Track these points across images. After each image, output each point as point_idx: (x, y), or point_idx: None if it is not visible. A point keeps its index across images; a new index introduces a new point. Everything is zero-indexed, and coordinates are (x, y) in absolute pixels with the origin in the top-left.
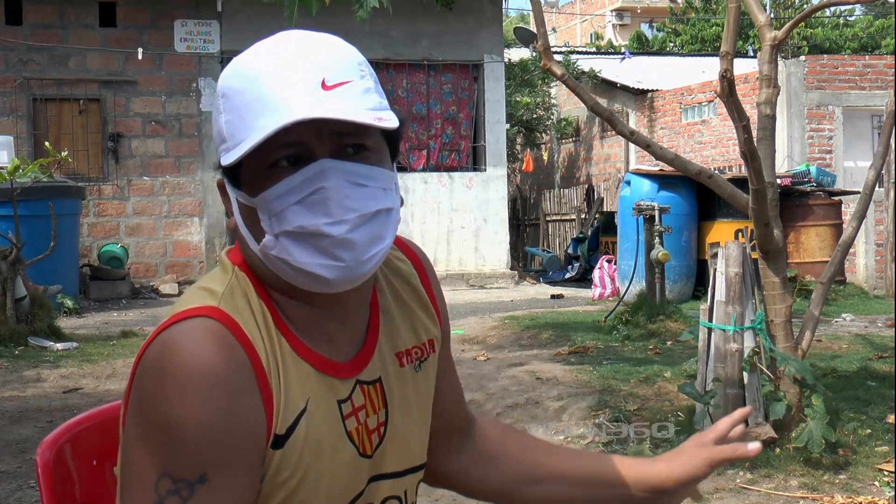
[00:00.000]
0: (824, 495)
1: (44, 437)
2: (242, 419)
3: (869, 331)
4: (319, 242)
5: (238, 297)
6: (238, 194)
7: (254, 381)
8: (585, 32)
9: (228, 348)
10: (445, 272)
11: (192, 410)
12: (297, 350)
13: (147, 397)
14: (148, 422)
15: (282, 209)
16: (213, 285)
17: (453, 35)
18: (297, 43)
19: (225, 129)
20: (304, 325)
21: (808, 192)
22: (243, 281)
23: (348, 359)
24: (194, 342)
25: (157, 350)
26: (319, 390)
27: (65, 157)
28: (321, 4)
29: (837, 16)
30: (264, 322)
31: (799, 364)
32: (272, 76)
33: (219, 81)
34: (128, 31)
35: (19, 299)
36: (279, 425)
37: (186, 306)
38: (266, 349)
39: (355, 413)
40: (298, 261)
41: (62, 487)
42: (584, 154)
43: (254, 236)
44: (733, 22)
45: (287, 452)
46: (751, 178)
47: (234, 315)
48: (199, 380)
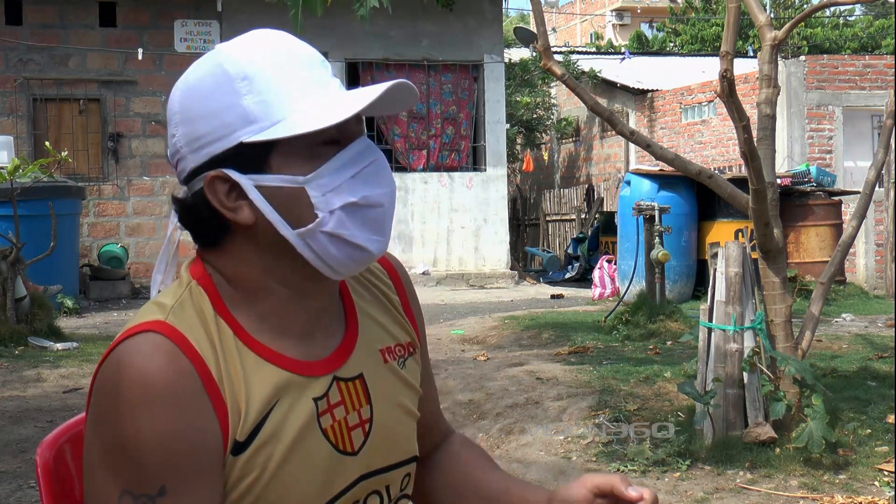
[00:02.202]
0: (824, 495)
1: (44, 437)
2: (194, 428)
3: (869, 331)
4: (371, 214)
5: (188, 311)
6: (272, 179)
7: (203, 390)
8: (585, 32)
9: (173, 360)
10: (445, 272)
11: (143, 425)
12: (263, 355)
13: (101, 416)
14: (104, 440)
15: (339, 184)
16: (165, 299)
17: (453, 35)
18: (286, 36)
19: (253, 109)
20: (272, 329)
21: (808, 192)
22: (197, 295)
23: (324, 356)
24: (141, 358)
25: (107, 369)
26: (291, 390)
27: (65, 157)
28: (324, 5)
29: (837, 16)
30: (218, 333)
31: (799, 364)
32: (293, 57)
33: (224, 66)
34: (128, 31)
35: (19, 299)
36: (239, 431)
37: (135, 322)
38: (217, 359)
39: (331, 410)
40: (354, 234)
41: (62, 487)
42: (584, 154)
43: (289, 221)
44: (733, 22)
45: (251, 456)
46: (751, 178)
47: (181, 327)
48: (148, 394)
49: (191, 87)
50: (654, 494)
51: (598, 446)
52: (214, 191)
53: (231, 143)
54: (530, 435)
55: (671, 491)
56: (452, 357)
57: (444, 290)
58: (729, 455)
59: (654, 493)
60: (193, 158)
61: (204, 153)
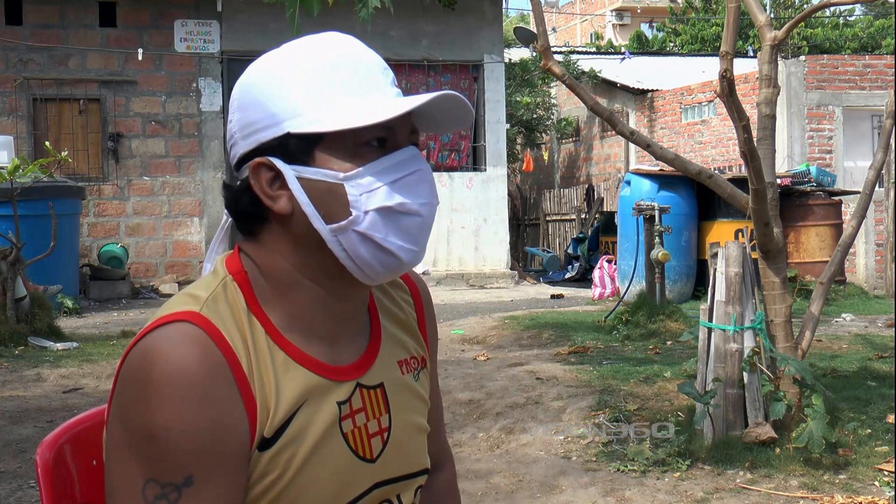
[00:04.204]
0: (824, 495)
1: (44, 437)
2: (223, 421)
3: (869, 331)
4: (406, 222)
5: (221, 304)
6: (313, 172)
7: (233, 384)
8: (585, 32)
9: (207, 352)
10: (445, 272)
11: (173, 415)
12: (293, 355)
13: (129, 404)
14: (131, 428)
15: (378, 186)
16: (198, 291)
17: (453, 35)
18: (352, 40)
19: (302, 101)
20: (301, 329)
21: (808, 192)
22: (232, 289)
23: (350, 362)
24: (173, 347)
25: (137, 356)
26: (318, 393)
27: (65, 157)
28: (322, 5)
29: (837, 16)
30: (250, 330)
31: (799, 364)
32: (353, 58)
33: (285, 57)
34: (128, 31)
35: (19, 299)
36: (266, 428)
37: (168, 311)
38: (249, 354)
39: (353, 415)
40: (386, 239)
41: (62, 487)
42: (584, 154)
43: (323, 215)
44: (733, 22)
45: (275, 454)
46: (751, 178)
47: (215, 320)
48: (179, 384)
49: (251, 75)
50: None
51: (598, 446)
52: (258, 177)
53: (279, 132)
54: (530, 434)
55: (671, 491)
56: (452, 357)
57: (444, 290)
58: (729, 455)
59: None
60: (244, 144)
61: (253, 139)
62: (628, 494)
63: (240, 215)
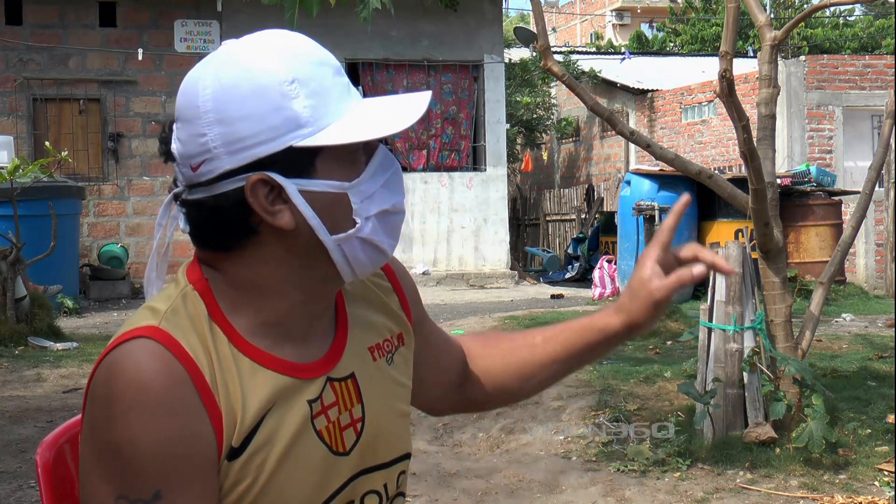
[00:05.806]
0: (824, 495)
1: (44, 437)
2: (188, 434)
3: (869, 331)
4: (395, 220)
5: (181, 316)
6: (318, 184)
7: (196, 395)
8: (585, 32)
9: (167, 366)
10: (445, 272)
11: (137, 430)
12: (259, 360)
13: (95, 422)
14: (99, 446)
15: (374, 191)
16: (158, 304)
17: (453, 35)
18: (306, 39)
19: (303, 113)
20: (275, 333)
21: (808, 192)
22: (192, 299)
23: (318, 357)
24: (134, 364)
25: (102, 375)
26: (287, 394)
27: (65, 157)
28: (322, 6)
29: (837, 16)
30: (212, 339)
31: (799, 364)
32: (325, 58)
33: (266, 67)
34: (128, 31)
35: (19, 299)
36: (234, 437)
37: (128, 328)
38: (212, 364)
39: (325, 411)
40: (382, 240)
41: (62, 487)
42: (584, 154)
43: (328, 226)
44: (733, 22)
45: (246, 461)
46: (751, 178)
47: (175, 333)
48: (141, 400)
49: (227, 87)
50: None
51: (598, 446)
52: (256, 193)
53: (279, 146)
54: (530, 434)
55: (671, 491)
56: None
57: (443, 290)
58: (729, 455)
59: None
60: (231, 160)
61: (246, 155)
62: (628, 494)
63: (218, 230)
